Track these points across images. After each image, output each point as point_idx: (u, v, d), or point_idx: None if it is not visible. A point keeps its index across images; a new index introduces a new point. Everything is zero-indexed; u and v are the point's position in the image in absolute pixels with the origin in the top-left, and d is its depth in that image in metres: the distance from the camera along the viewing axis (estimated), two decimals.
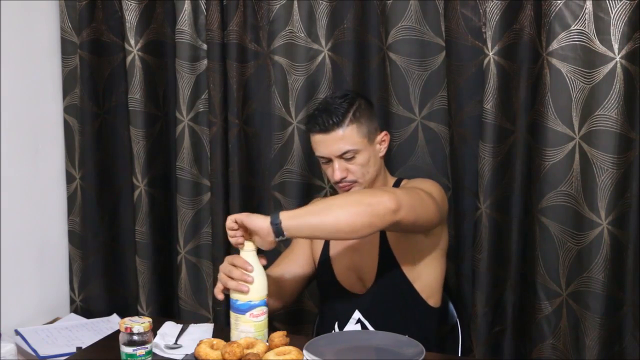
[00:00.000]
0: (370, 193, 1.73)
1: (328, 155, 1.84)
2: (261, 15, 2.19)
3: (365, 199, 1.65)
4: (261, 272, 1.68)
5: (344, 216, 1.62)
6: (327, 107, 1.84)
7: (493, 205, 1.98)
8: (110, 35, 2.33)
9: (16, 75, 2.20)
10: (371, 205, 1.63)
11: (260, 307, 1.67)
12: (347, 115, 1.81)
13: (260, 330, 1.67)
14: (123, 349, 1.60)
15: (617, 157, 1.78)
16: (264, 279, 1.68)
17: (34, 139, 2.30)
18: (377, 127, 1.89)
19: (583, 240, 1.83)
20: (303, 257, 2.00)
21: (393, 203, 1.63)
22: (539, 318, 1.92)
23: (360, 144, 1.82)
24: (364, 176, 1.85)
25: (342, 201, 1.70)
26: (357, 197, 1.70)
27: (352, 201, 1.66)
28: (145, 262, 2.37)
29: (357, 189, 1.86)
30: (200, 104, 2.30)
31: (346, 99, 1.84)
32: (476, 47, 1.97)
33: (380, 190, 1.73)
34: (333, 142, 1.82)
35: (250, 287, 1.65)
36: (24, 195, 2.26)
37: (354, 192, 1.81)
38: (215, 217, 2.26)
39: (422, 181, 1.91)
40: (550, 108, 1.83)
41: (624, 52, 1.74)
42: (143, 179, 2.34)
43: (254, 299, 1.66)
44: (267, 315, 1.69)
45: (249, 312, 1.66)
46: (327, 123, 1.81)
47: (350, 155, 1.82)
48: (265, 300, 1.67)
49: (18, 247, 2.21)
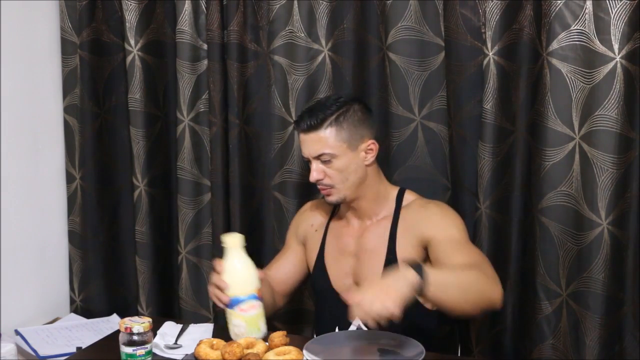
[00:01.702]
0: (490, 285, 1.66)
1: (307, 155, 1.85)
2: (261, 15, 2.19)
3: (487, 293, 1.64)
4: (246, 266, 1.71)
5: (464, 305, 1.62)
6: (314, 107, 1.85)
7: (493, 206, 1.98)
8: (110, 35, 2.33)
9: (16, 75, 2.20)
10: (490, 302, 1.64)
11: (249, 301, 1.69)
12: (328, 118, 1.80)
13: (252, 323, 1.70)
14: (123, 349, 1.60)
15: (617, 157, 1.78)
16: (248, 274, 1.71)
17: (34, 139, 2.30)
18: (365, 134, 1.84)
19: (583, 240, 1.83)
20: (297, 257, 2.01)
21: (501, 301, 1.65)
22: (539, 318, 1.92)
23: (337, 149, 1.81)
24: (342, 182, 1.83)
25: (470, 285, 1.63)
26: (480, 286, 1.64)
27: (477, 291, 1.63)
28: (145, 262, 2.37)
29: (335, 196, 1.84)
30: (201, 104, 2.30)
31: (336, 101, 1.83)
32: (476, 47, 1.97)
33: (495, 284, 1.67)
34: (311, 142, 1.82)
35: (234, 282, 1.68)
36: (24, 195, 2.26)
37: (477, 278, 1.65)
38: (215, 217, 2.26)
39: (453, 215, 1.86)
40: (550, 108, 1.83)
41: (624, 52, 1.74)
42: (143, 179, 2.34)
43: (239, 294, 1.69)
44: (260, 309, 1.71)
45: (237, 307, 1.69)
46: (307, 123, 1.81)
47: (327, 158, 1.81)
48: (255, 294, 1.70)
49: (18, 247, 2.21)
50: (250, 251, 2.30)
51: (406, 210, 1.88)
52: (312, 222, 2.02)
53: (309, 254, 2.00)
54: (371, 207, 1.90)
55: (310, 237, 2.01)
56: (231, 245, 1.71)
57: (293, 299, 2.25)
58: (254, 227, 2.28)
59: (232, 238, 1.71)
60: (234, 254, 1.71)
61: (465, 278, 1.63)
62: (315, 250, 1.98)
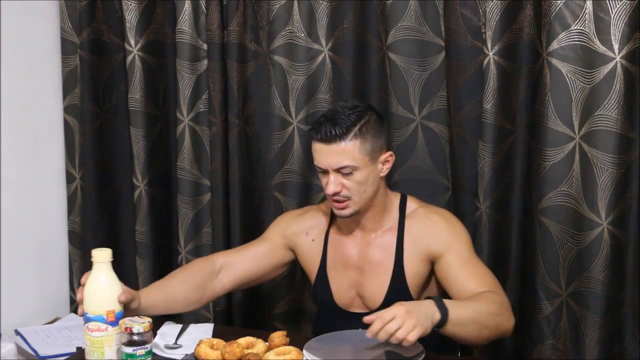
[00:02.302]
0: (507, 319, 1.71)
1: (325, 166, 1.77)
2: (261, 15, 2.19)
3: (502, 327, 1.70)
4: (104, 286, 1.64)
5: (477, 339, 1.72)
6: (334, 116, 1.76)
7: (493, 206, 1.98)
8: (111, 35, 2.33)
9: (16, 75, 2.20)
10: (503, 333, 1.72)
11: (95, 322, 1.62)
12: (353, 129, 1.73)
13: (96, 346, 1.63)
14: (123, 349, 1.60)
15: (617, 157, 1.78)
16: (102, 294, 1.64)
17: (34, 139, 2.30)
18: (383, 145, 1.81)
19: (583, 240, 1.83)
20: (270, 256, 1.97)
21: (511, 331, 1.71)
22: (539, 318, 1.92)
23: (360, 161, 1.75)
24: (360, 195, 1.78)
25: (488, 321, 1.67)
26: (498, 321, 1.69)
27: (494, 326, 1.68)
28: (145, 262, 2.37)
29: (351, 209, 1.79)
30: (201, 104, 2.30)
31: (356, 111, 1.76)
32: (476, 47, 1.97)
33: (510, 316, 1.72)
34: (332, 154, 1.74)
35: (87, 299, 1.64)
36: (24, 195, 2.26)
37: (497, 312, 1.69)
38: (215, 217, 2.26)
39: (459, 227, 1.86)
40: (550, 108, 1.83)
41: (624, 52, 1.74)
42: (143, 179, 2.34)
43: (89, 312, 1.63)
44: (107, 334, 1.62)
45: (86, 324, 1.64)
46: (329, 133, 1.73)
47: (348, 170, 1.75)
48: (104, 316, 1.62)
49: (18, 247, 2.21)
50: None
51: (411, 221, 1.86)
52: (307, 230, 1.96)
53: (307, 263, 1.96)
54: (376, 219, 1.87)
55: (306, 246, 1.96)
56: (96, 261, 1.65)
57: (293, 299, 2.25)
58: (253, 227, 2.28)
59: (98, 253, 1.65)
60: (97, 271, 1.65)
61: (484, 314, 1.66)
62: (316, 260, 1.94)
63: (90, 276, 1.66)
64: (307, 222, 1.98)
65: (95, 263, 1.65)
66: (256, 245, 2.00)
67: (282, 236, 1.99)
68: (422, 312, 1.54)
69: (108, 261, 1.66)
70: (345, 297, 1.90)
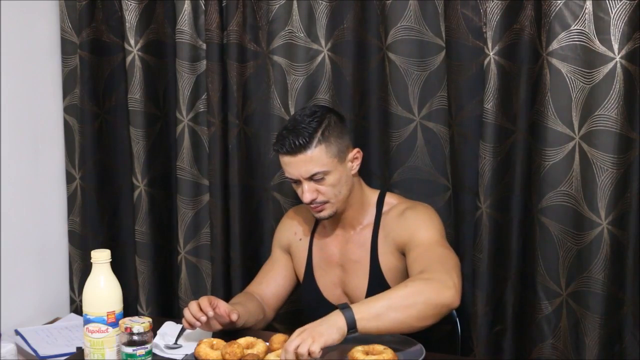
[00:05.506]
0: (437, 291, 1.61)
1: (297, 177, 1.79)
2: (261, 15, 2.19)
3: (434, 300, 1.60)
4: (104, 287, 1.65)
5: (411, 321, 1.60)
6: (295, 126, 1.79)
7: (493, 205, 1.98)
8: (110, 35, 2.33)
9: (16, 75, 2.20)
10: (442, 307, 1.61)
11: (96, 323, 1.63)
12: (315, 135, 1.76)
13: (96, 347, 1.63)
14: (123, 349, 1.60)
15: (617, 157, 1.78)
16: (102, 295, 1.65)
17: (34, 139, 2.30)
18: (348, 144, 1.85)
19: (583, 240, 1.83)
20: (286, 269, 2.01)
21: (456, 301, 1.62)
22: (539, 318, 1.92)
23: (329, 165, 1.78)
24: (335, 196, 1.81)
25: (409, 301, 1.59)
26: (425, 296, 1.60)
27: (421, 303, 1.59)
28: (145, 262, 2.37)
29: (329, 211, 1.82)
30: (201, 104, 2.30)
31: (315, 117, 1.79)
32: (476, 47, 1.96)
33: (445, 287, 1.62)
34: (301, 164, 1.77)
35: (87, 300, 1.64)
36: (24, 195, 2.26)
37: (420, 289, 1.62)
38: (214, 218, 2.26)
39: (425, 216, 1.85)
40: (550, 108, 1.83)
41: (624, 52, 1.74)
42: (143, 179, 2.34)
43: (89, 313, 1.64)
44: (108, 335, 1.63)
45: (86, 326, 1.65)
46: (293, 144, 1.76)
47: (320, 176, 1.78)
48: (105, 317, 1.63)
49: (18, 247, 2.21)
50: (249, 251, 2.32)
51: (386, 217, 1.89)
52: (295, 230, 2.01)
53: (296, 262, 2.00)
54: (355, 216, 1.91)
55: (295, 246, 2.00)
56: (95, 262, 1.65)
57: (293, 300, 2.25)
58: (253, 228, 2.28)
59: (97, 254, 1.65)
60: (97, 271, 1.65)
61: (399, 297, 1.60)
62: (302, 260, 1.98)
63: (90, 278, 1.66)
64: (295, 224, 2.03)
65: (95, 264, 1.66)
66: (271, 268, 2.04)
67: (280, 248, 2.05)
68: (322, 325, 1.55)
69: (107, 262, 1.66)
70: (332, 294, 1.93)
